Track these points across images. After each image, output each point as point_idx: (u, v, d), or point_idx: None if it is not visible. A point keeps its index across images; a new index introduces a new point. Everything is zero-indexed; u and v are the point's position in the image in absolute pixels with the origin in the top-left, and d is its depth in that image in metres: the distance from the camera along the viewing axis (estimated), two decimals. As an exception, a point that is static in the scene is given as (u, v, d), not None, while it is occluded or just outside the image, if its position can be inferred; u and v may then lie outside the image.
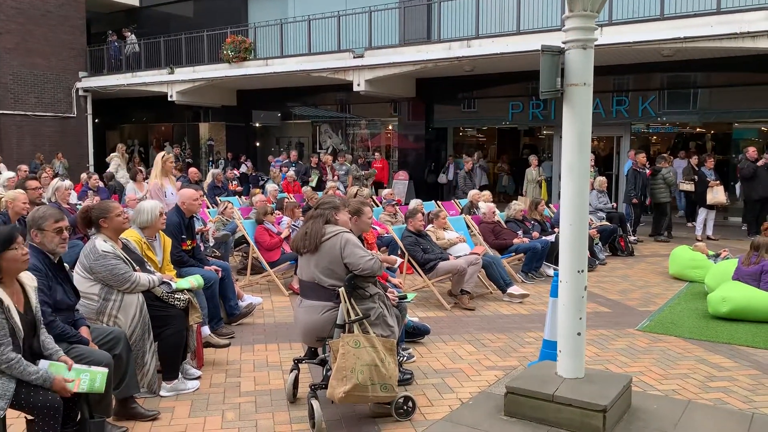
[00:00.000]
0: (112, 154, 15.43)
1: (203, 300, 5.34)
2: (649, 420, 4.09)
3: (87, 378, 3.41)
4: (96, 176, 12.14)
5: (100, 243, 4.39)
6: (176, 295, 4.62)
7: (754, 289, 6.67)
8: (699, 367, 5.28)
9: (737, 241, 11.67)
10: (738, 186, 12.67)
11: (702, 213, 12.39)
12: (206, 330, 5.37)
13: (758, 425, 4.04)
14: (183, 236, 5.82)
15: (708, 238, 12.08)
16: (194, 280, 4.89)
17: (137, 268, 4.51)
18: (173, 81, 19.54)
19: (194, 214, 6.17)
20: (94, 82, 21.84)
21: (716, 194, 12.15)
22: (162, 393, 4.56)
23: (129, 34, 21.61)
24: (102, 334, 4.06)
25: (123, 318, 4.33)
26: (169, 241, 5.33)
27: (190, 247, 5.93)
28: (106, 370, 3.52)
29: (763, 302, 6.54)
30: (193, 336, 4.86)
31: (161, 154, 8.23)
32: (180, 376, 4.68)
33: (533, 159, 15.15)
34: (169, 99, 19.76)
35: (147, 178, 12.43)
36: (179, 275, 5.35)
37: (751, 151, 12.32)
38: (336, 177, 15.23)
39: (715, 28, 11.61)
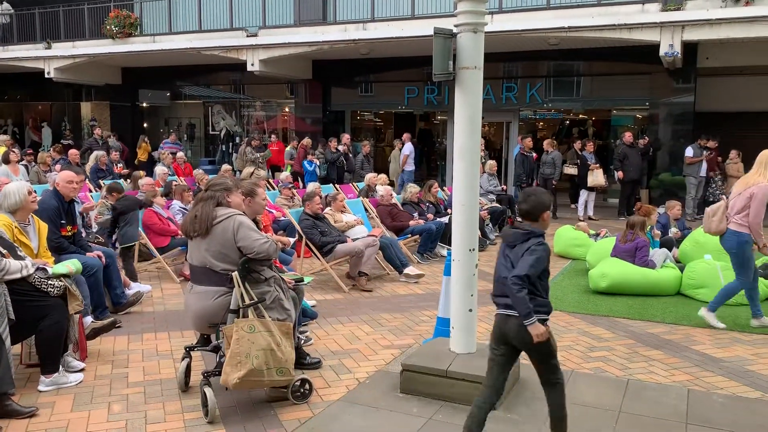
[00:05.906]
0: (-19, 135, 14.20)
1: (86, 289, 5.04)
2: (537, 390, 4.27)
3: None
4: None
5: None
6: (50, 282, 4.31)
7: (629, 265, 7.16)
8: (581, 339, 5.61)
9: (615, 220, 12.47)
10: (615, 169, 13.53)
11: (583, 194, 13.14)
12: (89, 320, 5.09)
13: (633, 390, 4.36)
14: (62, 221, 5.45)
15: (589, 218, 12.83)
16: (71, 265, 4.58)
17: (5, 252, 4.16)
18: (51, 57, 18.14)
19: (74, 199, 5.79)
20: (-42, 56, 19.90)
21: (596, 177, 12.95)
22: (40, 387, 4.29)
23: (2, 2, 19.82)
24: (-30, 328, 3.74)
25: None
26: (44, 227, 4.98)
27: (70, 233, 5.57)
28: None
29: (638, 277, 7.05)
30: (75, 326, 4.57)
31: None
32: (61, 368, 4.40)
33: None
34: (46, 76, 18.37)
35: (21, 159, 11.59)
36: (58, 263, 5.02)
37: (627, 136, 13.21)
38: None
39: (596, 19, 12.30)
